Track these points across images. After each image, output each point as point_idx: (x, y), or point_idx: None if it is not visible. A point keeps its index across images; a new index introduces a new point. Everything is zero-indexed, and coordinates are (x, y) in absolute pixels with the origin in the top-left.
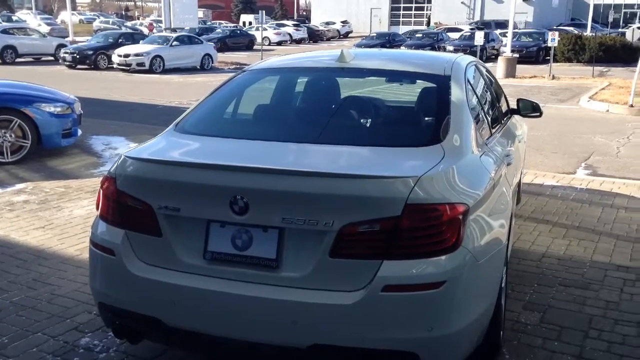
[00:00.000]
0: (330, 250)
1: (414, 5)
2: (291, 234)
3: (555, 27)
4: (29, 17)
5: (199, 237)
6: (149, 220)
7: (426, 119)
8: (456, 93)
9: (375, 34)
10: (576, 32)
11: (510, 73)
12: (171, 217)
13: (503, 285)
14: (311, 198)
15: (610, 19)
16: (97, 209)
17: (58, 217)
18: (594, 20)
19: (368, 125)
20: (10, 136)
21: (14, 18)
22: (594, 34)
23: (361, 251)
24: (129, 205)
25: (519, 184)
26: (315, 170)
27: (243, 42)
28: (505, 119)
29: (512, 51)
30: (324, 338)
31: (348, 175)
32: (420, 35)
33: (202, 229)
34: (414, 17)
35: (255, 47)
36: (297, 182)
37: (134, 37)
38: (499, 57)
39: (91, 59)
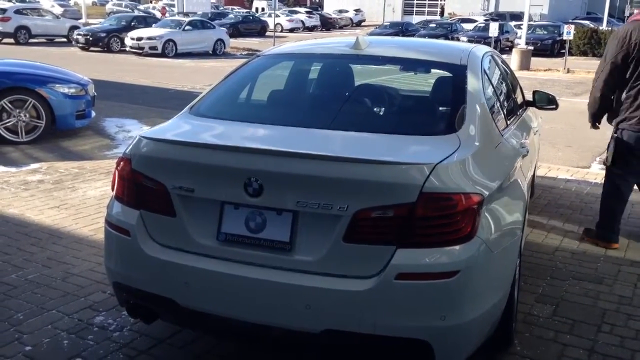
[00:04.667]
0: (344, 235)
1: None
2: (305, 217)
3: (570, 20)
4: None
5: (213, 218)
6: (163, 200)
7: (441, 108)
8: (472, 83)
9: (388, 23)
10: (592, 25)
11: (525, 65)
12: (185, 198)
13: (516, 277)
14: (326, 182)
15: (627, 13)
16: (112, 189)
17: (72, 198)
18: (610, 14)
19: (382, 113)
20: (25, 116)
21: None
22: (610, 28)
23: (375, 237)
24: (143, 185)
25: (533, 176)
26: (330, 154)
27: (255, 28)
28: (520, 110)
29: (527, 43)
30: (337, 324)
31: (363, 160)
32: (434, 25)
33: (216, 210)
34: (428, 7)
35: (267, 33)
36: (312, 165)
37: (147, 20)
38: (514, 49)
39: (104, 42)
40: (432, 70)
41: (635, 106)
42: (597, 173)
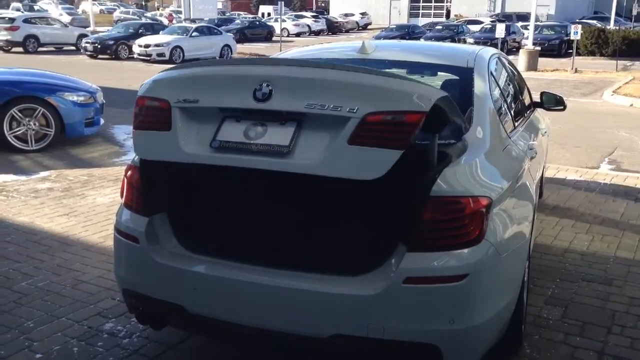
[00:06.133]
0: (350, 137)
1: None
2: (309, 123)
3: (577, 20)
4: (51, 7)
5: (210, 130)
6: (161, 116)
7: None
8: (479, 85)
9: (394, 26)
10: (599, 25)
11: (532, 66)
12: (186, 110)
13: (525, 279)
14: (338, 86)
15: (634, 12)
16: (122, 197)
17: (82, 205)
18: (617, 14)
19: None
20: (34, 124)
21: (36, 8)
22: (617, 28)
23: (382, 141)
24: (146, 106)
25: (541, 178)
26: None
27: (262, 33)
28: (528, 112)
29: (534, 44)
30: (345, 328)
31: (381, 73)
32: (440, 27)
33: (215, 122)
34: (434, 9)
35: (274, 38)
36: (327, 72)
37: (154, 27)
38: (521, 50)
39: (112, 49)
40: (439, 73)
41: None
42: (606, 173)
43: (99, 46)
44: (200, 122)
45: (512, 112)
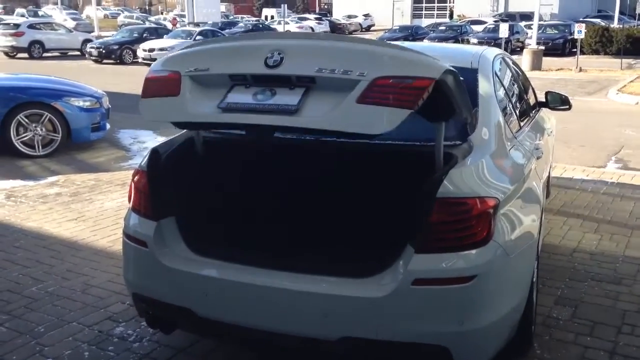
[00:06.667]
0: (359, 97)
1: None
2: (318, 88)
3: (581, 19)
4: (55, 12)
5: (218, 94)
6: (171, 84)
7: None
8: (484, 86)
9: (397, 27)
10: (603, 23)
11: (536, 66)
12: (196, 77)
13: (534, 279)
14: (349, 53)
15: (638, 11)
16: (129, 201)
17: (90, 210)
18: (621, 12)
19: None
20: (41, 130)
21: (40, 13)
22: (621, 26)
23: (390, 101)
24: (156, 77)
25: (548, 177)
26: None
27: None
28: (533, 112)
29: (538, 43)
30: (354, 331)
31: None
32: (444, 28)
33: (224, 88)
34: (437, 10)
35: None
36: (337, 42)
37: (158, 31)
38: (525, 50)
39: (117, 54)
40: None
41: None
42: (613, 172)
43: (103, 51)
44: (209, 88)
45: (518, 112)
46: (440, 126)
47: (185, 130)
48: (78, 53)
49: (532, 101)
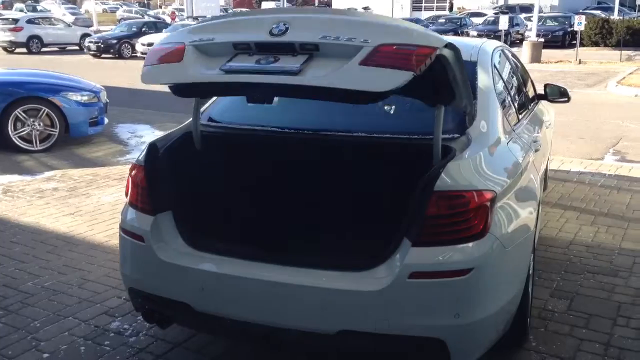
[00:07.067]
0: (362, 60)
1: None
2: (322, 54)
3: (581, 11)
4: (54, 7)
5: (220, 60)
6: (175, 53)
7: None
8: (483, 79)
9: None
10: (603, 15)
11: (536, 58)
12: (200, 46)
13: (530, 272)
14: (354, 24)
15: (638, 2)
16: (127, 196)
17: (87, 204)
18: (621, 4)
19: (392, 112)
20: (39, 125)
21: (39, 8)
22: (621, 18)
23: (393, 63)
24: (161, 47)
25: (545, 170)
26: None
27: None
28: (532, 104)
29: (538, 35)
30: (352, 324)
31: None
32: (443, 20)
33: (227, 55)
34: (437, 2)
35: None
36: (342, 15)
37: (157, 26)
38: (524, 42)
39: (115, 48)
40: None
41: None
42: (610, 165)
43: (102, 45)
44: (212, 56)
45: (516, 105)
46: (439, 116)
47: (183, 125)
48: (77, 48)
49: (531, 94)
